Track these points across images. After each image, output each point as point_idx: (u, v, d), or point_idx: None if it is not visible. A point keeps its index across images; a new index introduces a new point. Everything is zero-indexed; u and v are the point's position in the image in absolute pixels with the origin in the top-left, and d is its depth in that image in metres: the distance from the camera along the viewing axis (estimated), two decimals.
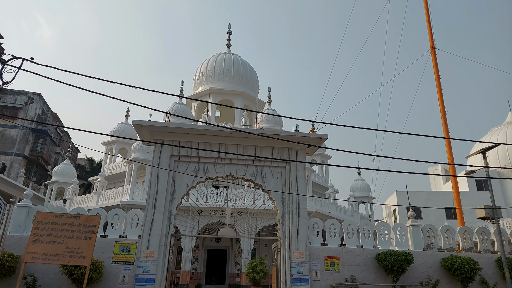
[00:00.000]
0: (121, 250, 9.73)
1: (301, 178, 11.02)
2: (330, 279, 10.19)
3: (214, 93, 29.37)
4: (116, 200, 18.99)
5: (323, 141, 11.02)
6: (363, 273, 10.43)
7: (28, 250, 6.84)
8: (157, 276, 9.48)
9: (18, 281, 6.88)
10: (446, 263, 10.45)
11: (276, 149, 11.26)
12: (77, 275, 8.56)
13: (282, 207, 10.69)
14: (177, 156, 11.01)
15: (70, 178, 24.26)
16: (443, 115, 15.31)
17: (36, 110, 39.69)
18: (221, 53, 31.38)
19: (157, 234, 9.96)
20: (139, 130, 10.96)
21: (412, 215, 11.61)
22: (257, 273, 15.40)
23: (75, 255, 6.88)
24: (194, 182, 10.89)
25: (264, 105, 29.14)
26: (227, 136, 11.10)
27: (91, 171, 45.58)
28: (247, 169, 11.13)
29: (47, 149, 41.22)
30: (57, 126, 39.69)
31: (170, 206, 10.45)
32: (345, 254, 10.60)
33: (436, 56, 16.12)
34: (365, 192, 26.46)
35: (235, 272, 20.44)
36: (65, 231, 7.03)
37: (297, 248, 10.13)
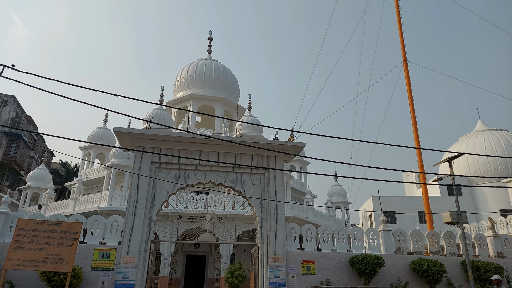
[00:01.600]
0: (100, 257, 9.78)
1: (280, 184, 11.40)
2: (306, 282, 10.57)
3: (195, 99, 29.51)
4: (94, 205, 18.78)
5: (301, 149, 11.46)
6: (338, 276, 10.88)
7: (9, 257, 6.86)
8: (136, 282, 9.59)
9: None
10: (415, 266, 11.05)
11: (255, 157, 11.62)
12: (56, 281, 8.57)
13: (261, 213, 11.03)
14: (157, 163, 11.17)
15: (45, 184, 23.74)
16: (414, 124, 16.12)
17: (10, 113, 38.58)
18: (202, 59, 31.59)
19: (137, 240, 10.07)
20: (120, 137, 11.06)
21: (383, 220, 12.20)
22: (236, 277, 15.59)
23: (56, 262, 6.96)
24: (174, 188, 11.07)
25: (245, 111, 29.52)
26: (207, 143, 11.36)
27: (66, 175, 44.51)
28: (227, 176, 11.42)
29: (21, 153, 40.03)
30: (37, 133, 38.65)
31: (150, 213, 10.59)
32: (321, 258, 11.03)
33: (408, 68, 17.02)
34: (342, 197, 27.19)
35: (213, 277, 20.56)
36: (46, 237, 7.10)
37: (275, 253, 10.48)
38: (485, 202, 33.19)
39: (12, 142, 39.28)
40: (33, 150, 44.46)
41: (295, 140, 14.38)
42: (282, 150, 11.36)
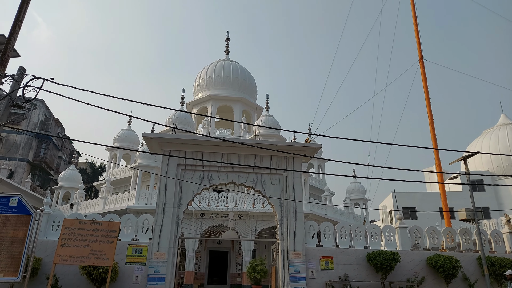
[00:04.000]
0: (133, 252, 10.66)
1: (298, 184, 11.98)
2: (325, 277, 11.14)
3: (214, 99, 30.34)
4: (123, 204, 19.90)
5: (318, 150, 11.99)
6: (355, 271, 11.40)
7: (58, 253, 7.77)
8: (167, 276, 10.41)
9: (50, 280, 7.83)
10: (431, 261, 11.43)
11: (274, 158, 12.22)
12: (96, 275, 9.49)
13: (281, 211, 11.64)
14: (183, 165, 11.94)
15: (76, 183, 25.15)
16: (431, 123, 16.30)
17: (39, 115, 40.58)
18: (220, 60, 32.36)
19: (167, 237, 10.89)
20: (148, 142, 11.89)
21: (400, 217, 12.60)
22: (258, 272, 16.35)
23: (99, 257, 7.83)
24: (199, 189, 11.83)
25: (262, 111, 30.13)
26: (229, 146, 12.04)
27: (92, 174, 46.43)
28: (248, 176, 12.07)
29: (50, 154, 42.06)
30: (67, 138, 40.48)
31: (177, 211, 11.38)
32: (339, 254, 11.57)
33: (424, 66, 17.15)
34: (361, 194, 27.47)
35: (236, 272, 21.39)
36: (89, 235, 7.98)
37: (295, 249, 11.09)
38: (509, 197, 32.65)
39: (42, 144, 41.32)
40: (61, 151, 46.54)
41: (313, 140, 14.89)
42: (299, 152, 11.92)
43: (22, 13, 8.30)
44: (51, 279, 7.85)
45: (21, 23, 8.31)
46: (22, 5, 8.36)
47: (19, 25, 8.24)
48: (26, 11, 8.44)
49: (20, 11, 8.25)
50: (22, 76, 8.64)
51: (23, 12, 8.33)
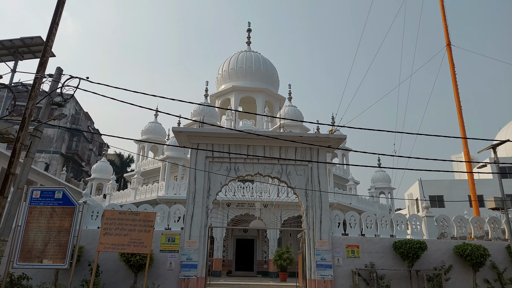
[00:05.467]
0: (167, 240, 11.28)
1: (323, 175, 12.19)
2: (351, 265, 11.40)
3: (237, 91, 30.66)
4: (153, 195, 20.77)
5: (342, 141, 12.11)
6: (381, 260, 11.57)
7: (101, 241, 8.43)
8: (199, 262, 10.98)
9: (94, 266, 8.52)
10: (458, 250, 11.43)
11: (299, 149, 12.45)
12: (133, 261, 10.17)
13: (306, 201, 11.92)
14: (211, 158, 12.37)
15: (107, 175, 26.35)
16: (459, 110, 15.96)
17: (70, 110, 42.30)
18: (242, 51, 32.52)
19: (197, 226, 11.42)
20: (177, 135, 12.39)
21: (426, 206, 12.60)
22: (284, 260, 16.79)
23: (138, 245, 8.44)
24: (227, 180, 12.25)
25: (285, 101, 30.21)
26: (254, 138, 12.35)
27: (121, 166, 48.16)
28: (274, 168, 12.38)
29: (81, 147, 43.96)
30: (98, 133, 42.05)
31: (207, 202, 11.87)
32: (365, 243, 11.76)
33: (452, 53, 16.71)
34: (386, 183, 27.28)
35: (262, 259, 21.97)
36: (128, 225, 8.59)
37: (321, 238, 11.37)
38: None
39: (74, 137, 43.21)
40: (91, 144, 48.49)
41: (337, 130, 14.98)
42: (324, 143, 12.08)
43: (58, 16, 8.77)
44: (95, 265, 8.53)
45: (57, 26, 8.79)
46: (57, 9, 8.84)
47: (56, 28, 8.72)
48: (61, 15, 8.92)
49: (56, 14, 8.71)
50: (59, 76, 9.20)
51: (58, 15, 8.79)
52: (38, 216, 8.46)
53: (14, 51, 9.40)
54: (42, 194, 8.75)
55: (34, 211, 8.50)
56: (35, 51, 9.85)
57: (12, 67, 9.36)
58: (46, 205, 8.63)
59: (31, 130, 8.46)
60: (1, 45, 9.15)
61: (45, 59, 8.43)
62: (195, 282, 10.69)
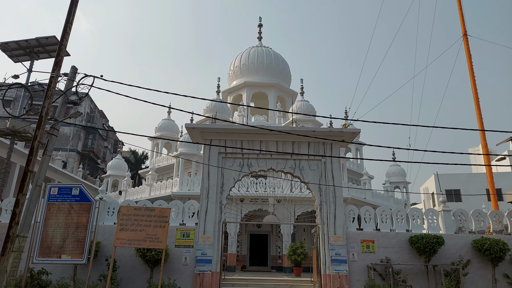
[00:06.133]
0: (182, 236, 11.39)
1: (337, 169, 12.08)
2: (366, 259, 11.30)
3: (248, 86, 30.61)
4: (167, 191, 21.00)
5: (356, 135, 11.96)
6: (397, 254, 11.43)
7: (117, 237, 8.58)
8: (213, 258, 11.06)
9: (111, 261, 8.68)
10: (476, 245, 11.20)
11: (312, 144, 12.36)
12: (149, 256, 10.31)
13: (320, 196, 11.85)
14: (224, 153, 12.40)
15: (123, 172, 26.75)
16: (476, 102, 15.54)
17: (85, 108, 43.01)
18: (253, 47, 32.41)
19: (211, 221, 11.49)
20: (190, 132, 12.46)
21: (443, 200, 12.37)
22: (298, 255, 16.78)
23: (153, 240, 8.55)
24: (240, 176, 12.26)
25: (297, 96, 30.02)
26: (267, 134, 12.31)
27: (136, 162, 48.81)
28: (286, 163, 12.33)
29: (97, 144, 44.73)
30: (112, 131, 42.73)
31: (220, 197, 11.92)
32: (380, 237, 11.63)
33: (469, 43, 16.26)
34: (401, 177, 26.89)
35: (276, 254, 22.01)
36: (144, 221, 8.71)
37: (335, 233, 11.30)
38: None
39: (89, 135, 44.00)
40: (107, 141, 49.29)
41: (351, 124, 14.80)
42: (337, 137, 11.96)
43: (72, 16, 8.86)
44: (112, 260, 8.68)
45: (71, 25, 8.89)
46: (71, 9, 8.94)
47: (70, 27, 8.83)
48: (75, 14, 9.02)
49: (69, 14, 8.81)
50: (74, 74, 9.33)
51: (72, 14, 8.89)
52: (56, 212, 8.65)
53: (30, 51, 9.59)
54: (60, 191, 8.93)
55: (52, 208, 8.69)
56: (50, 51, 10.03)
57: (28, 67, 9.56)
58: (63, 201, 8.81)
59: (47, 128, 8.62)
60: (17, 46, 9.34)
61: (60, 58, 8.56)
62: (210, 277, 10.78)
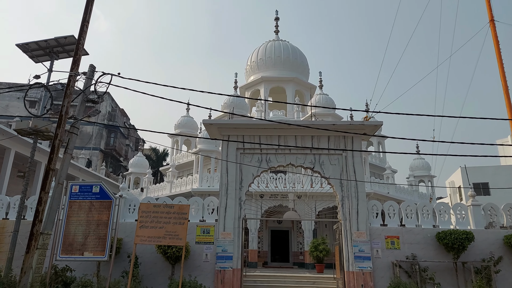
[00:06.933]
0: (202, 232, 11.36)
1: (358, 163, 11.72)
2: (391, 256, 10.94)
3: (266, 81, 30.33)
4: (187, 187, 21.11)
5: (378, 128, 11.56)
6: (423, 251, 11.01)
7: (137, 234, 8.61)
8: (234, 254, 10.97)
9: (132, 258, 8.72)
10: (508, 240, 10.64)
11: (332, 138, 12.03)
12: (170, 253, 10.33)
13: (341, 192, 11.53)
14: (242, 149, 12.24)
15: (144, 169, 27.13)
16: (505, 90, 14.72)
17: (106, 107, 43.93)
18: (270, 41, 32.05)
19: (231, 218, 11.39)
20: (208, 128, 12.37)
21: (472, 194, 11.81)
22: (320, 251, 16.51)
23: (173, 237, 8.52)
24: (258, 171, 12.09)
25: (316, 89, 29.53)
26: (285, 128, 12.06)
27: (157, 160, 49.50)
28: (306, 158, 12.05)
29: (119, 142, 45.64)
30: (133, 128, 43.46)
31: (239, 193, 11.80)
32: (405, 233, 11.23)
33: (496, 29, 15.41)
34: (425, 170, 26.06)
35: (298, 250, 21.79)
36: (163, 218, 8.69)
37: (358, 229, 10.99)
38: None
39: (111, 133, 44.93)
40: (128, 139, 50.24)
41: (372, 117, 14.35)
42: (358, 131, 11.59)
43: (88, 14, 8.86)
44: (133, 257, 8.73)
45: (88, 23, 8.89)
46: (87, 7, 8.95)
47: (86, 25, 8.83)
48: (91, 12, 9.02)
49: (86, 12, 8.81)
50: (92, 73, 9.35)
51: (88, 13, 8.89)
52: (78, 210, 8.75)
53: (49, 51, 9.70)
54: (81, 188, 9.03)
55: (74, 205, 8.79)
56: (69, 50, 10.12)
57: (48, 67, 9.68)
58: (84, 199, 8.90)
59: (68, 127, 8.70)
60: (37, 46, 9.46)
61: (78, 57, 8.58)
62: (231, 273, 10.70)
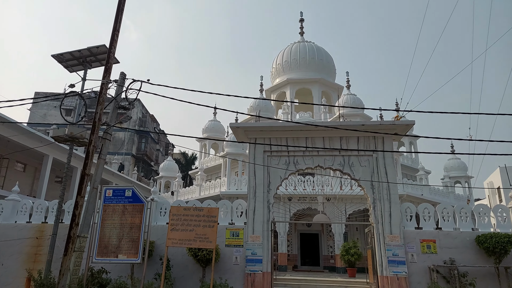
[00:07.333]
0: (231, 235, 11.39)
1: (390, 165, 11.35)
2: (427, 261, 10.48)
3: (292, 83, 30.16)
4: (216, 190, 21.32)
5: (410, 127, 11.15)
6: (462, 255, 10.48)
7: (169, 237, 8.77)
8: (263, 257, 10.91)
9: (164, 261, 8.90)
10: None
11: (361, 138, 11.73)
12: (201, 256, 10.43)
13: (372, 194, 11.21)
14: (269, 152, 12.19)
15: (174, 173, 27.69)
16: None
17: (137, 113, 45.31)
18: (295, 42, 31.88)
19: (260, 221, 11.35)
20: (235, 131, 12.42)
21: None
22: (352, 255, 16.13)
23: (203, 240, 8.62)
24: (286, 174, 11.98)
25: (343, 90, 29.02)
26: (312, 130, 11.89)
27: (186, 164, 50.43)
28: (335, 159, 11.81)
29: (150, 147, 46.92)
30: (163, 133, 44.56)
31: (267, 196, 11.73)
32: (442, 237, 10.74)
33: None
34: (461, 171, 24.88)
35: (328, 254, 21.40)
36: (193, 221, 8.81)
37: (391, 232, 10.62)
38: None
39: (142, 139, 46.29)
40: (158, 144, 51.55)
41: (403, 116, 13.89)
42: (389, 131, 11.24)
43: (118, 23, 9.14)
44: (165, 260, 8.89)
45: (118, 32, 9.17)
46: (117, 17, 9.23)
47: (117, 35, 9.11)
48: (121, 22, 9.30)
49: (116, 21, 9.09)
50: (123, 80, 9.64)
51: (118, 22, 9.17)
52: (112, 213, 9.03)
53: (83, 61, 10.12)
54: (114, 192, 9.31)
55: (108, 209, 9.08)
56: (101, 59, 10.51)
57: (82, 76, 10.09)
58: (118, 203, 9.18)
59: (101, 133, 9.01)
60: (71, 56, 9.89)
61: (109, 65, 8.87)
62: (261, 277, 10.64)
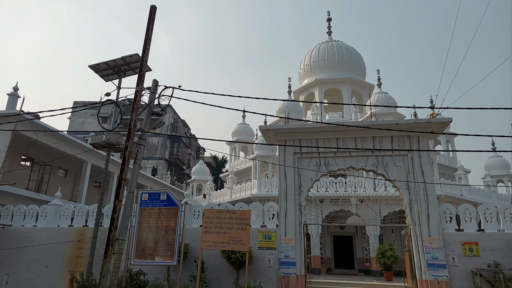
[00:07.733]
0: (264, 238, 11.40)
1: (426, 164, 10.94)
2: (469, 264, 9.99)
3: (320, 84, 29.82)
4: (247, 193, 21.45)
5: (447, 125, 10.70)
6: (507, 258, 9.90)
7: (203, 240, 8.94)
8: (297, 260, 10.82)
9: (199, 263, 9.07)
10: None
11: (395, 138, 11.39)
12: (234, 258, 10.52)
13: (409, 195, 10.84)
14: (299, 153, 12.09)
15: (205, 176, 28.17)
16: None
17: (169, 119, 46.55)
18: (323, 42, 31.53)
19: (292, 223, 11.28)
20: (264, 134, 12.44)
21: None
22: (388, 258, 15.65)
23: (236, 242, 8.71)
24: (317, 175, 11.83)
25: (374, 88, 28.32)
26: (343, 130, 11.68)
27: (216, 167, 51.14)
28: (368, 160, 11.53)
29: (181, 152, 48.03)
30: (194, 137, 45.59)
31: (299, 198, 11.64)
32: (484, 239, 10.21)
33: None
34: (504, 169, 23.51)
35: (363, 257, 20.89)
36: (226, 223, 8.93)
37: (429, 234, 10.21)
38: None
39: (174, 143, 47.49)
40: (190, 148, 52.65)
41: (439, 114, 13.34)
42: (424, 129, 10.84)
43: (150, 32, 9.44)
44: (200, 262, 9.06)
45: (150, 41, 9.48)
46: (148, 26, 9.54)
47: (149, 43, 9.42)
48: (152, 31, 9.61)
49: (148, 31, 9.40)
50: (156, 87, 9.94)
51: (150, 31, 9.47)
52: (148, 217, 9.32)
53: (117, 70, 10.55)
54: (150, 196, 9.61)
55: (144, 213, 9.38)
56: (134, 68, 10.92)
57: (117, 84, 10.53)
58: (153, 206, 9.46)
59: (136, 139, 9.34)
60: (107, 66, 10.34)
61: (142, 73, 9.19)
62: (295, 280, 10.57)
